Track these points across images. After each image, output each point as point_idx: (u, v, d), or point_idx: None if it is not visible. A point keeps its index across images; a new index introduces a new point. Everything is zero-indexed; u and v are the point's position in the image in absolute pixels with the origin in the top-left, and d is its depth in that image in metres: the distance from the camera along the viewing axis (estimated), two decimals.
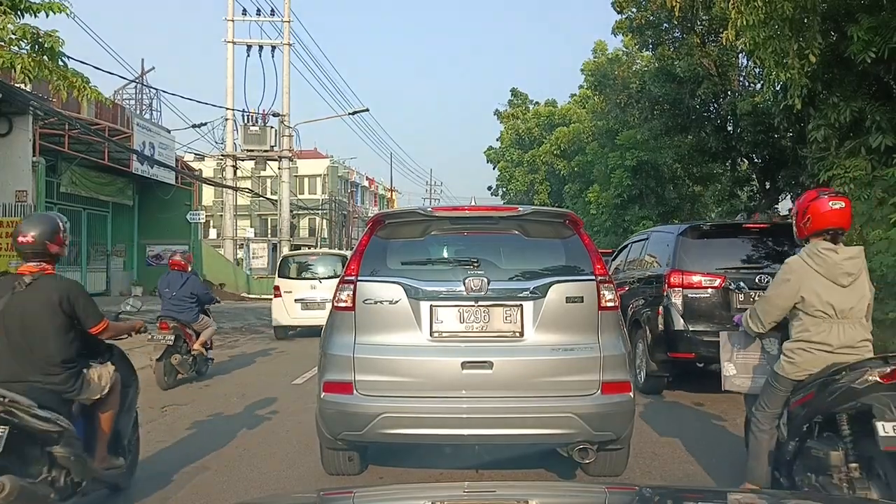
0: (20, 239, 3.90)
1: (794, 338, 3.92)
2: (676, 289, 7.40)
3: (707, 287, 7.37)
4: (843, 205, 3.89)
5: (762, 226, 8.66)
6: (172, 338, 8.21)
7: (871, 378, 3.47)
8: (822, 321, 3.80)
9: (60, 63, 8.96)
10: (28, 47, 8.72)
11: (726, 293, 7.31)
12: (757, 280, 7.20)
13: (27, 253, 3.93)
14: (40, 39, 8.62)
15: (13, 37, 8.51)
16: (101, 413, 4.12)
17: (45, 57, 8.73)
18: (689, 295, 7.37)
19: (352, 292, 4.33)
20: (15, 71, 8.72)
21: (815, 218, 3.88)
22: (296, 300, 13.11)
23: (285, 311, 13.27)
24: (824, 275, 3.81)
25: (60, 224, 4.03)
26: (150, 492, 4.61)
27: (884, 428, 3.31)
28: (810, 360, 3.82)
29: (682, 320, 7.31)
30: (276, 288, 13.56)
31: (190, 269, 8.83)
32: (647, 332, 7.77)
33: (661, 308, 7.45)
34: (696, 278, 7.41)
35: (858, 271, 3.87)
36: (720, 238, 8.08)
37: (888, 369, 3.47)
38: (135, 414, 4.63)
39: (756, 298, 5.92)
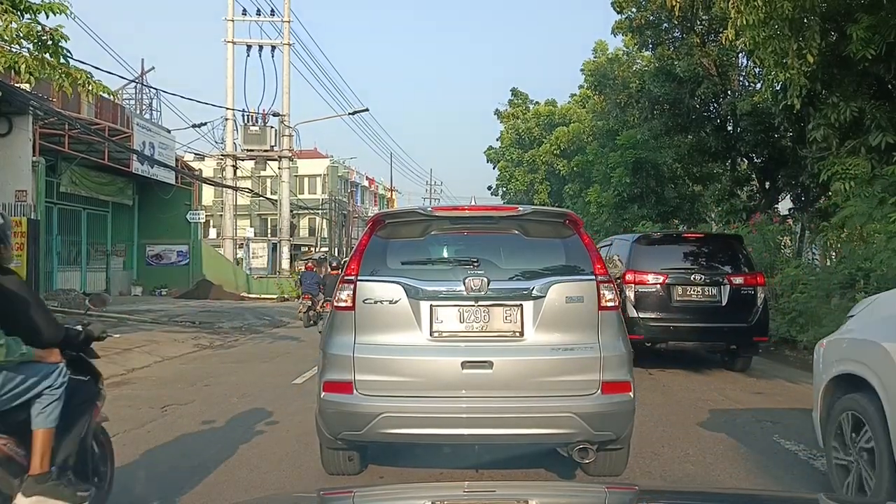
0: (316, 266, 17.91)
1: None
2: (630, 285, 9.19)
3: (654, 283, 9.25)
4: None
5: (698, 235, 11.51)
6: (309, 303, 16.32)
7: None
8: None
9: (62, 60, 8.89)
10: (31, 45, 8.67)
11: (668, 288, 9.21)
12: (692, 278, 9.22)
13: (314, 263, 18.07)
14: (43, 36, 8.57)
15: (17, 35, 8.44)
16: None
17: (47, 55, 8.69)
18: (640, 290, 9.22)
19: (352, 292, 4.32)
20: (19, 73, 8.68)
21: None
22: None
23: None
24: None
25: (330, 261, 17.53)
26: (151, 492, 4.62)
27: None
28: None
29: (634, 310, 9.03)
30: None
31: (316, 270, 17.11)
32: None
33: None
34: (645, 276, 9.25)
35: None
36: (666, 245, 10.18)
37: None
38: None
39: (691, 293, 9.20)
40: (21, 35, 8.46)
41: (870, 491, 3.90)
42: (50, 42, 8.58)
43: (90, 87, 9.19)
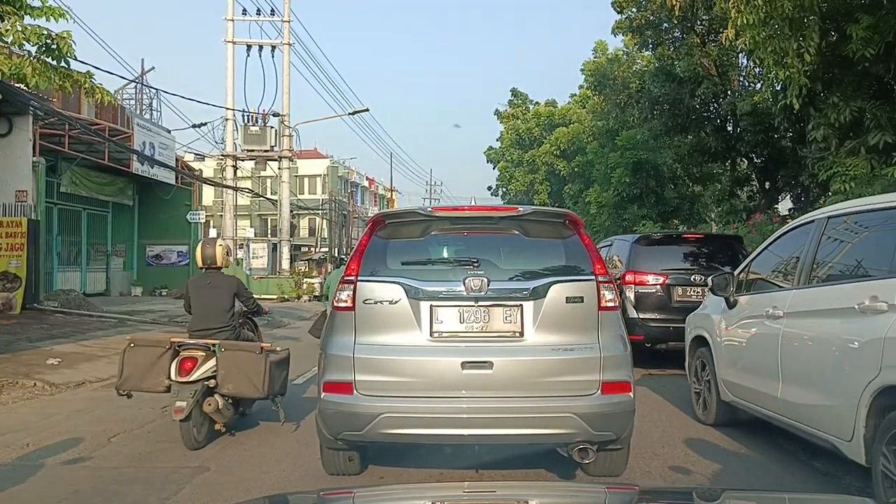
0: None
1: None
2: (630, 285, 9.26)
3: (653, 284, 9.31)
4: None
5: (698, 236, 11.59)
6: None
7: None
8: None
9: (63, 63, 8.84)
10: (35, 49, 8.61)
11: (668, 289, 9.26)
12: (692, 279, 9.23)
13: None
14: (50, 42, 8.52)
15: (22, 37, 8.38)
16: None
17: (50, 59, 8.64)
18: (640, 290, 9.29)
19: (352, 292, 4.33)
20: (26, 82, 8.63)
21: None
22: None
23: None
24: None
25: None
26: (151, 492, 4.62)
27: None
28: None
29: (634, 310, 9.12)
30: None
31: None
32: None
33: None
34: (645, 277, 9.33)
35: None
36: (666, 245, 10.22)
37: None
38: None
39: (691, 293, 9.11)
40: (26, 38, 8.38)
41: (708, 405, 6.28)
42: (55, 48, 8.53)
43: (94, 92, 9.16)
